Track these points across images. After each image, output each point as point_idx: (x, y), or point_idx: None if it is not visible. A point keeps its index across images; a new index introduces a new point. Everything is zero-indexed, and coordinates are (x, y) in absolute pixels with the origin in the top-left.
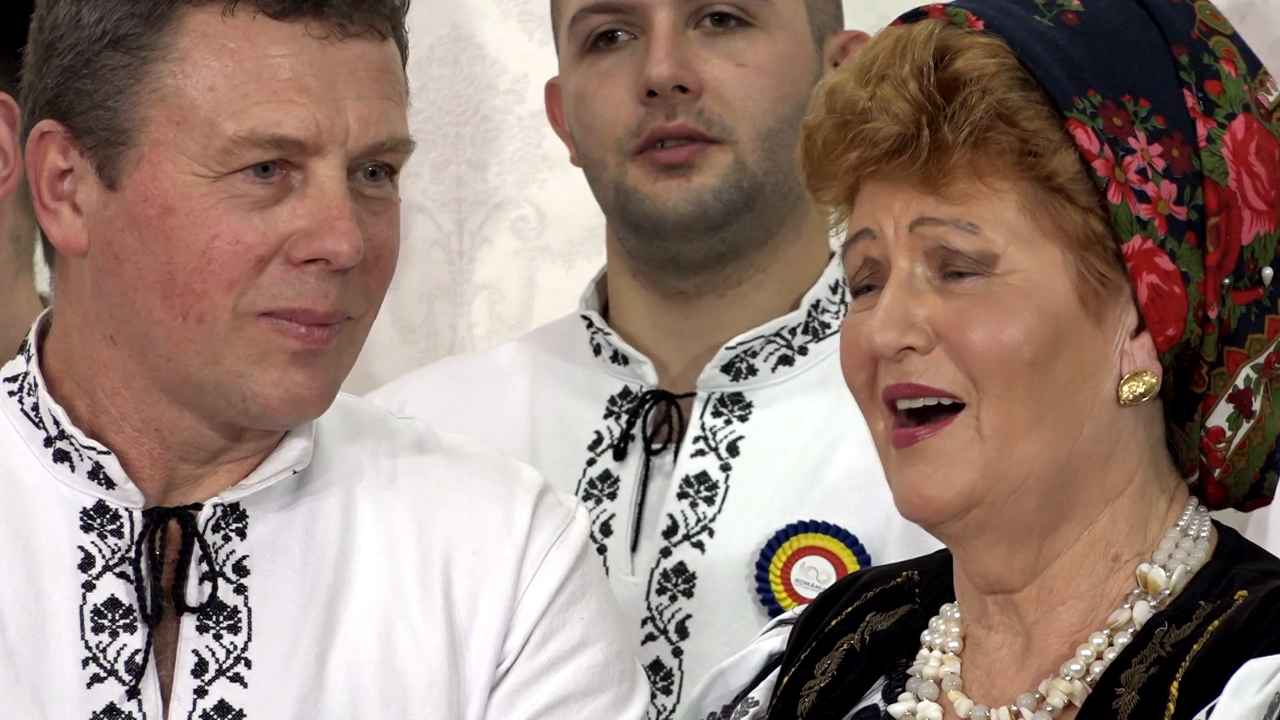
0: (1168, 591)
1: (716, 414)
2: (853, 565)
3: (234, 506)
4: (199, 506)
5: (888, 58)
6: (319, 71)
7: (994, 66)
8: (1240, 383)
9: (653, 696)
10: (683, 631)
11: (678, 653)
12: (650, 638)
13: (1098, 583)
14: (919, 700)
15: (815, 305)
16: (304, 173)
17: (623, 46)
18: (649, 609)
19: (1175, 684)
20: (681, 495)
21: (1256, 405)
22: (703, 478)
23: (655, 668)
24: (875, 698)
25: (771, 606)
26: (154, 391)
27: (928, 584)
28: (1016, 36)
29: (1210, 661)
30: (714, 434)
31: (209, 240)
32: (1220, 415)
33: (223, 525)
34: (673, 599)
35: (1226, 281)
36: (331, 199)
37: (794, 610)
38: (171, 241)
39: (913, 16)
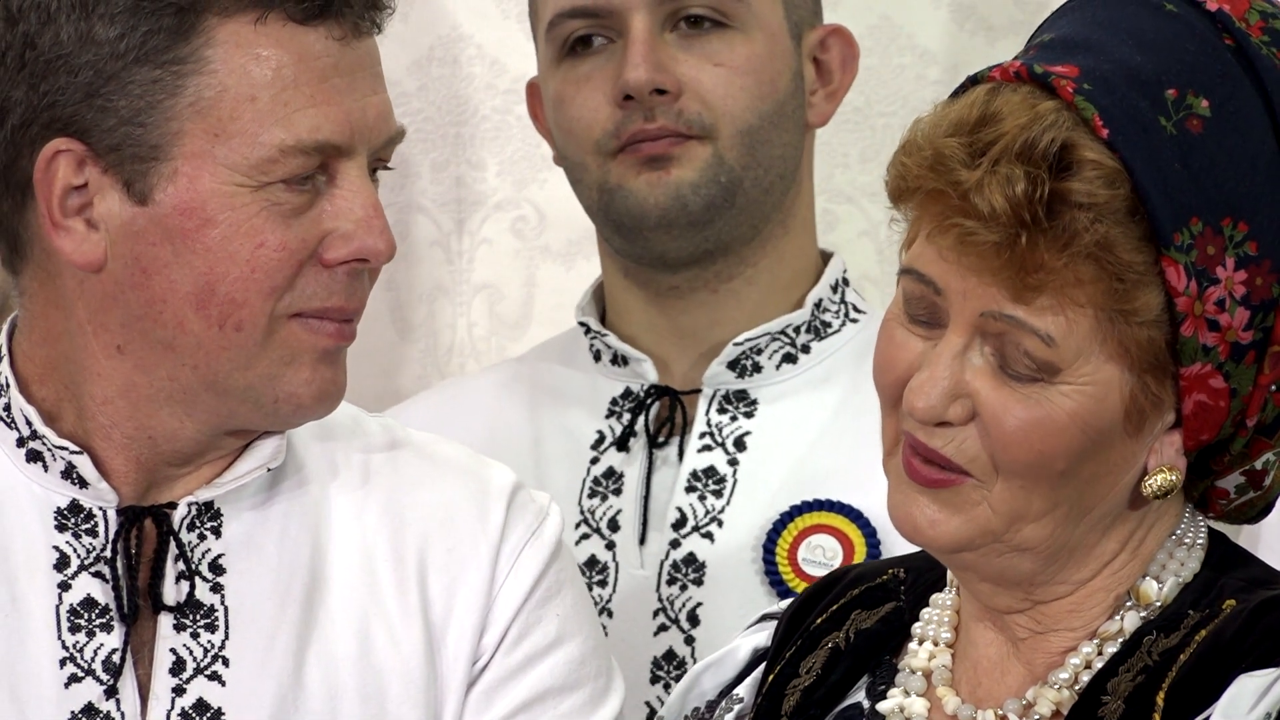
0: (1159, 603)
1: (722, 410)
2: (859, 541)
3: (208, 505)
4: (174, 505)
5: (1006, 142)
6: (342, 72)
7: (1106, 197)
8: (1259, 465)
9: (667, 687)
10: (694, 620)
11: (690, 641)
12: (662, 628)
13: (1093, 619)
14: (907, 695)
15: (818, 304)
16: (329, 174)
17: (600, 51)
18: (660, 600)
19: (1161, 694)
20: (690, 489)
21: (1268, 481)
22: (710, 472)
23: (668, 657)
24: (859, 695)
25: (780, 588)
26: (156, 402)
27: (913, 581)
28: (1136, 165)
29: (1197, 672)
30: (720, 430)
31: (254, 249)
32: (1230, 482)
33: (198, 524)
34: (683, 588)
35: (1274, 388)
36: (365, 199)
37: (779, 605)
38: (213, 252)
39: (1041, 78)
